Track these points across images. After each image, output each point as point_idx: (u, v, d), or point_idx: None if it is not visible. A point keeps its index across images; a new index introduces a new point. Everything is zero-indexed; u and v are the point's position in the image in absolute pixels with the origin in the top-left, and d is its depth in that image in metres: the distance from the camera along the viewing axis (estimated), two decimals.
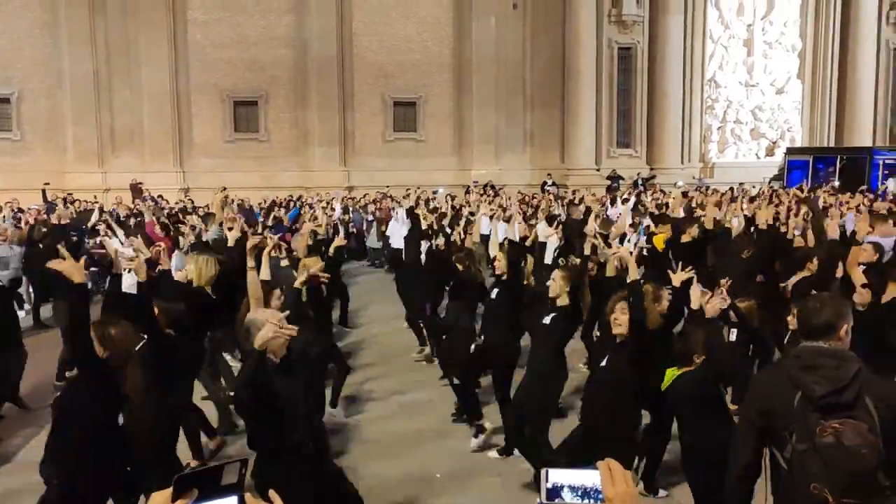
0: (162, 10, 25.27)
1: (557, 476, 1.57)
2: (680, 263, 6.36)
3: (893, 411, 2.94)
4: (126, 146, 25.60)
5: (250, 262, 5.61)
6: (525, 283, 7.72)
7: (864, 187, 21.90)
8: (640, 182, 25.60)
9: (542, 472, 1.58)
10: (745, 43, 29.31)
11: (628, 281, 5.15)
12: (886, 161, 25.63)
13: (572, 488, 1.56)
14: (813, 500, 2.94)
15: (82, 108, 25.10)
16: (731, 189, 22.57)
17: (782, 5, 29.10)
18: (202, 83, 26.06)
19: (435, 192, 22.36)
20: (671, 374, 4.86)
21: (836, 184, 24.12)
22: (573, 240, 10.52)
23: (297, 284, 5.98)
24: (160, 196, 22.53)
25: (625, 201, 17.95)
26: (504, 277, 7.30)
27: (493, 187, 24.50)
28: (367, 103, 27.30)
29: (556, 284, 6.04)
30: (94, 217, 15.30)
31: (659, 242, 9.99)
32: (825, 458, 2.89)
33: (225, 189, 18.55)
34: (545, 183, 25.95)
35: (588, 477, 1.57)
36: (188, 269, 6.47)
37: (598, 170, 27.29)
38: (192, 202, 20.48)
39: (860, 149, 27.19)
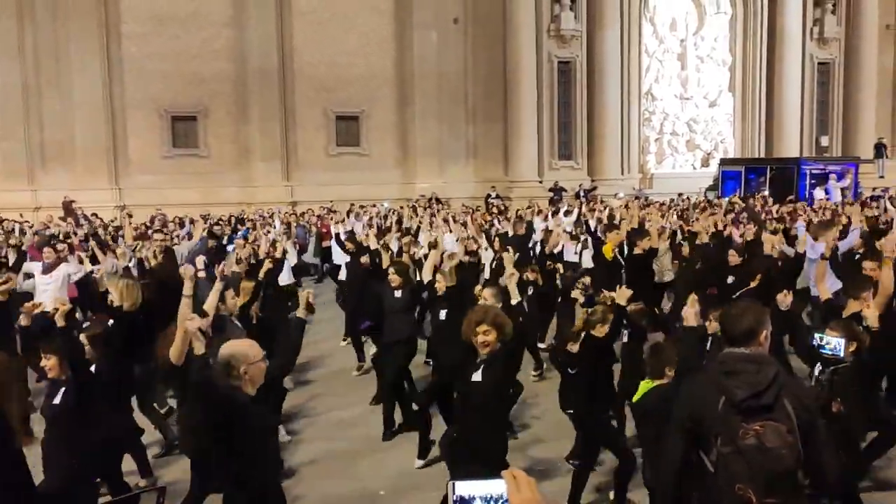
0: (93, 20, 24.63)
1: (464, 488, 1.60)
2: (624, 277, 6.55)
3: (809, 412, 3.06)
4: (57, 162, 24.77)
5: (187, 290, 5.36)
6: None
7: (791, 196, 22.83)
8: (582, 193, 26.07)
9: (449, 485, 1.62)
10: (678, 57, 30.21)
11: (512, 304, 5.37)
12: (813, 171, 26.67)
13: (483, 499, 1.59)
14: (738, 501, 3.03)
15: (9, 121, 24.21)
16: (671, 200, 23.23)
17: (712, 21, 30.14)
18: (138, 97, 25.45)
19: (381, 206, 22.37)
20: (645, 386, 4.92)
21: (767, 193, 25.03)
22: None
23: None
24: (94, 214, 21.90)
25: (567, 213, 18.29)
26: (444, 295, 7.37)
27: (437, 200, 24.65)
28: (309, 117, 27.12)
29: (487, 302, 6.09)
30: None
31: (608, 252, 10.16)
32: (748, 459, 2.99)
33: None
34: (489, 196, 26.19)
35: (495, 487, 1.60)
36: (111, 292, 6.35)
37: (540, 182, 27.65)
38: (130, 216, 19.91)
39: (788, 160, 28.24)
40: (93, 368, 5.34)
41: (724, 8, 30.15)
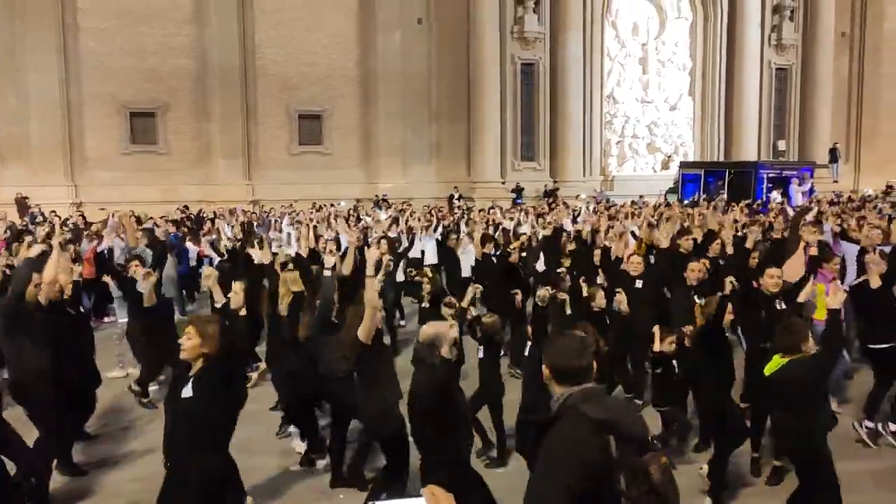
0: (51, 14, 24.17)
1: None
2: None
3: None
4: (12, 158, 24.26)
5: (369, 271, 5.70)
6: None
7: (748, 200, 23.22)
8: (546, 194, 26.34)
9: None
10: (640, 61, 30.62)
11: None
12: (769, 175, 27.17)
13: None
14: None
15: None
16: (633, 202, 23.43)
17: (673, 26, 30.59)
18: (96, 93, 25.05)
19: (339, 205, 22.29)
20: (778, 361, 5.11)
21: (725, 196, 25.41)
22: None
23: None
24: (53, 212, 21.45)
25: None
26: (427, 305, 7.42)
27: (385, 200, 24.56)
28: (271, 115, 26.93)
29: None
30: None
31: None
32: (663, 495, 2.76)
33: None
34: (452, 196, 26.26)
35: None
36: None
37: (503, 182, 27.80)
38: (84, 217, 19.60)
39: (746, 163, 28.74)
40: None
41: (684, 13, 30.62)
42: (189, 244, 14.86)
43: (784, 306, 6.79)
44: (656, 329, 6.64)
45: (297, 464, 6.88)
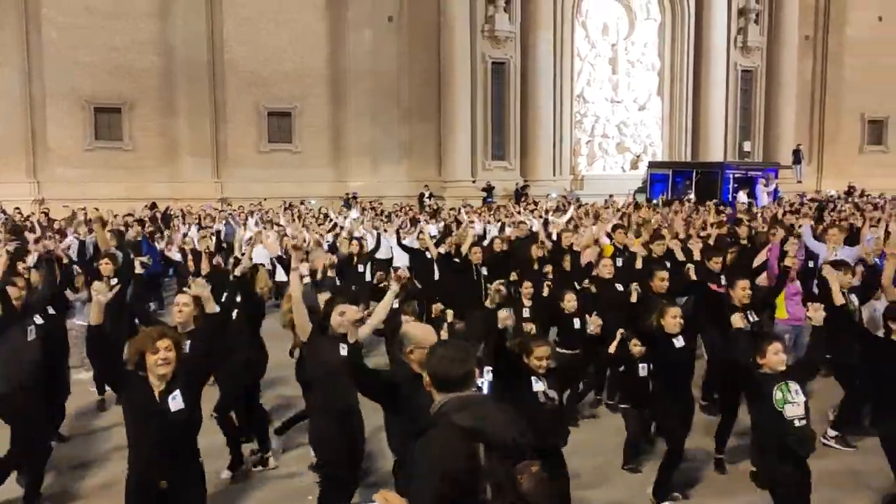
0: (13, 7, 23.62)
1: None
2: None
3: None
4: None
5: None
6: None
7: (715, 200, 23.56)
8: (517, 194, 26.44)
9: None
10: (609, 61, 30.87)
11: None
12: (735, 175, 27.61)
13: None
14: None
15: None
16: (605, 201, 23.62)
17: (642, 27, 30.90)
18: (59, 87, 24.54)
19: (309, 204, 22.17)
20: None
21: (692, 196, 25.77)
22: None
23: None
24: (17, 209, 20.94)
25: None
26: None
27: (355, 197, 24.49)
28: (240, 113, 26.61)
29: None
30: None
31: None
32: (534, 502, 2.69)
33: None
34: (422, 195, 26.22)
35: None
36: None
37: (474, 182, 27.83)
38: (47, 215, 19.18)
39: (713, 164, 29.17)
40: None
41: (653, 14, 30.94)
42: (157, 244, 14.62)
43: (754, 318, 6.86)
44: (619, 332, 6.68)
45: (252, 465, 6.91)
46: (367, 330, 5.91)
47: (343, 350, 5.50)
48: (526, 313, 8.08)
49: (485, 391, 4.30)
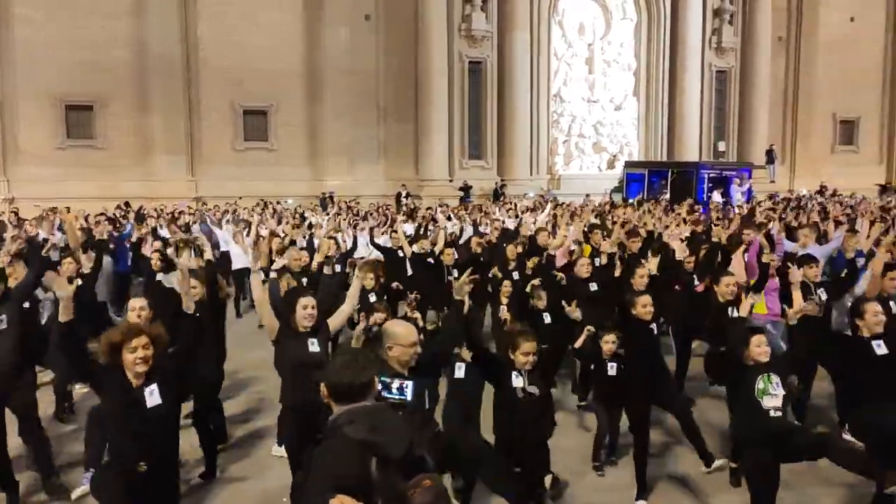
0: None
1: None
2: None
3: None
4: None
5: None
6: None
7: (690, 200, 23.77)
8: (495, 194, 26.48)
9: None
10: (586, 61, 31.01)
11: None
12: (710, 175, 27.87)
13: None
14: None
15: None
16: (583, 201, 23.71)
17: (618, 27, 31.07)
18: (30, 84, 24.14)
19: (286, 203, 22.03)
20: None
21: (668, 196, 25.98)
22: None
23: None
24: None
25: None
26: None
27: (331, 198, 24.41)
28: (215, 111, 26.37)
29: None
30: None
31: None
32: None
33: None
34: (400, 194, 26.17)
35: None
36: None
37: (451, 181, 27.84)
38: (17, 214, 18.87)
39: (688, 163, 29.40)
40: None
41: (629, 14, 31.13)
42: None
43: (738, 314, 6.90)
44: (588, 328, 6.73)
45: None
46: (339, 320, 5.98)
47: (312, 346, 5.50)
48: (503, 311, 8.12)
49: (408, 397, 4.15)
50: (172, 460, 4.56)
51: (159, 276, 9.57)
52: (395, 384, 4.18)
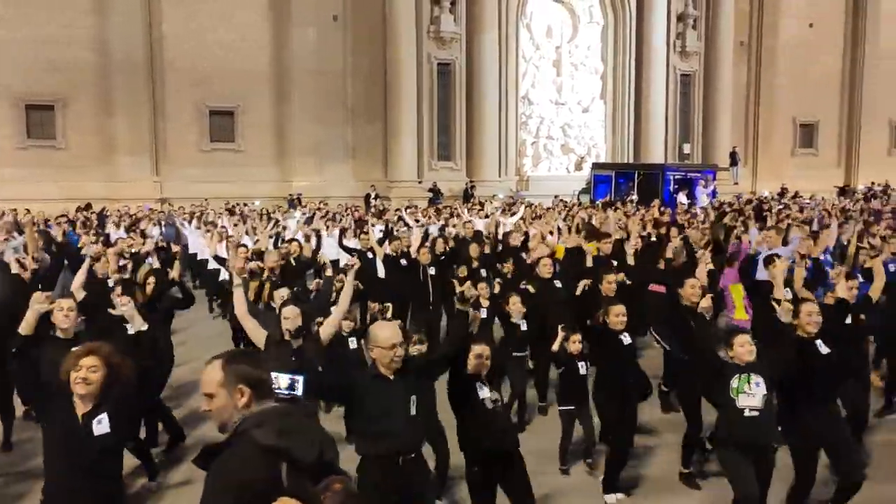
0: None
1: None
2: None
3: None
4: None
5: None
6: None
7: (657, 200, 24.10)
8: (466, 195, 26.51)
9: None
10: (553, 63, 31.25)
11: None
12: (676, 177, 28.29)
13: None
14: None
15: None
16: (552, 201, 23.86)
17: (585, 30, 31.37)
18: None
19: (253, 204, 21.78)
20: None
21: (635, 197, 26.29)
22: None
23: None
24: None
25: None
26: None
27: (299, 200, 24.27)
28: (181, 111, 25.99)
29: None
30: None
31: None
32: None
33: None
34: (369, 195, 26.07)
35: None
36: None
37: (420, 182, 27.81)
38: None
39: (654, 165, 29.83)
40: None
41: (596, 18, 31.44)
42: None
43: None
44: (560, 329, 6.77)
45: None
46: (329, 329, 5.96)
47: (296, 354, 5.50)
48: (483, 314, 8.09)
49: (299, 393, 3.76)
50: (114, 493, 4.22)
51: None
52: (284, 380, 3.74)
